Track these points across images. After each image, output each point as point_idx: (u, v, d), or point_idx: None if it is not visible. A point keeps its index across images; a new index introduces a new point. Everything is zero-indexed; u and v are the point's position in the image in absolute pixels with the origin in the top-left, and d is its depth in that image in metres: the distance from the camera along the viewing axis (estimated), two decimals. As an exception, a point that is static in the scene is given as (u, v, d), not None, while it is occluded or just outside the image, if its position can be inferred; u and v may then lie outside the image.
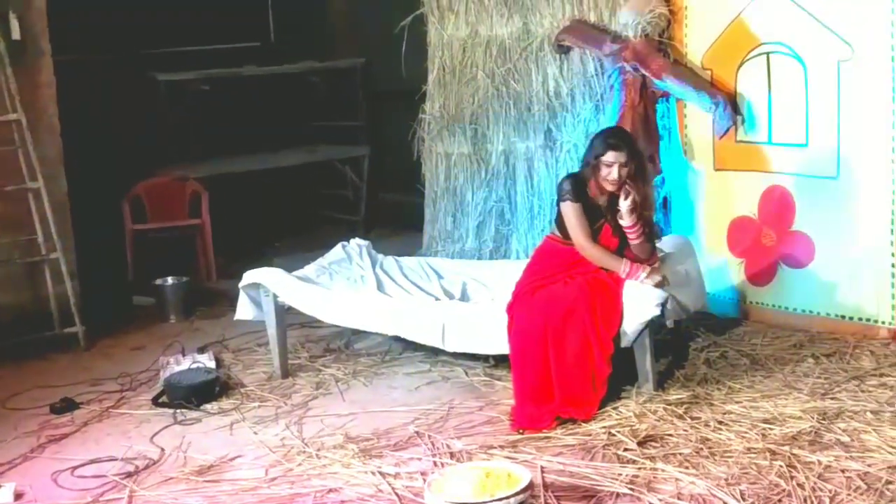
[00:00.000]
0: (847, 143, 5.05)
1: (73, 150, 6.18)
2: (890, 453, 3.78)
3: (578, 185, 4.46)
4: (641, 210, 4.41)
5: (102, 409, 4.82)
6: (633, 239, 4.44)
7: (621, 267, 4.43)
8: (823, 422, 4.09)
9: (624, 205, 4.38)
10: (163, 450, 4.29)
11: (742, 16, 5.34)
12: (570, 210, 4.46)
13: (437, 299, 5.13)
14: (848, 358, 4.83)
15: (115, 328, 6.09)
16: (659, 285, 4.41)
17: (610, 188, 4.39)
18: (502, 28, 6.22)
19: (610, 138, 4.44)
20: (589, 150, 4.50)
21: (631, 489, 3.65)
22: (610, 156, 4.35)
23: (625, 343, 4.43)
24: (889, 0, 4.78)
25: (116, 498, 3.88)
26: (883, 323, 5.05)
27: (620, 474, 3.76)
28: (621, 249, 4.50)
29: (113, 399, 4.94)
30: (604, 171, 4.37)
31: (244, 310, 5.25)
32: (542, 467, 3.85)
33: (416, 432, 4.30)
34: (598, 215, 4.47)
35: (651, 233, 4.53)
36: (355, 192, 8.67)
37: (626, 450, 3.97)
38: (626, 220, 4.40)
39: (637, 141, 4.59)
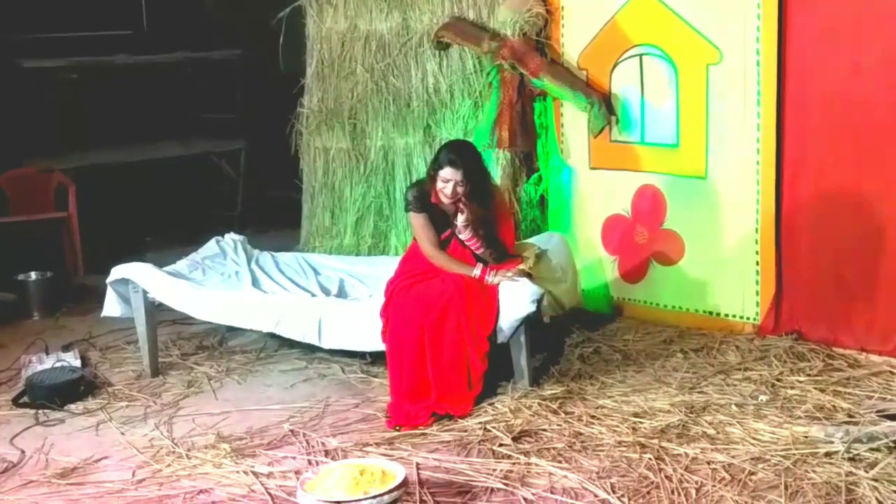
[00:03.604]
0: (715, 144, 5.21)
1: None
2: (753, 445, 3.92)
3: (423, 194, 4.47)
4: (477, 229, 4.43)
5: (-42, 410, 4.61)
6: (476, 250, 4.50)
7: (472, 271, 4.45)
8: (691, 415, 4.21)
9: (459, 219, 4.43)
10: (23, 452, 4.13)
11: (616, 18, 5.45)
12: (414, 221, 4.50)
13: (313, 295, 5.07)
14: (715, 353, 4.97)
15: (-28, 325, 5.83)
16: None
17: (445, 201, 4.42)
18: (382, 23, 6.19)
19: (451, 153, 4.39)
20: (434, 158, 4.50)
21: (505, 484, 3.68)
22: (446, 171, 4.35)
23: (501, 339, 4.47)
24: (756, 7, 4.95)
25: (-28, 503, 3.71)
26: (748, 319, 5.23)
27: (495, 469, 3.79)
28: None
29: (-30, 400, 4.73)
30: (440, 183, 4.39)
31: (112, 306, 5.09)
32: (417, 464, 3.85)
33: (291, 430, 4.25)
34: (447, 224, 4.50)
35: (496, 247, 4.51)
36: (232, 187, 8.50)
37: (501, 445, 4.00)
38: (462, 234, 4.46)
39: (481, 159, 4.54)
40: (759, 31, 4.95)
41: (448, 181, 4.35)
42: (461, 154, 4.42)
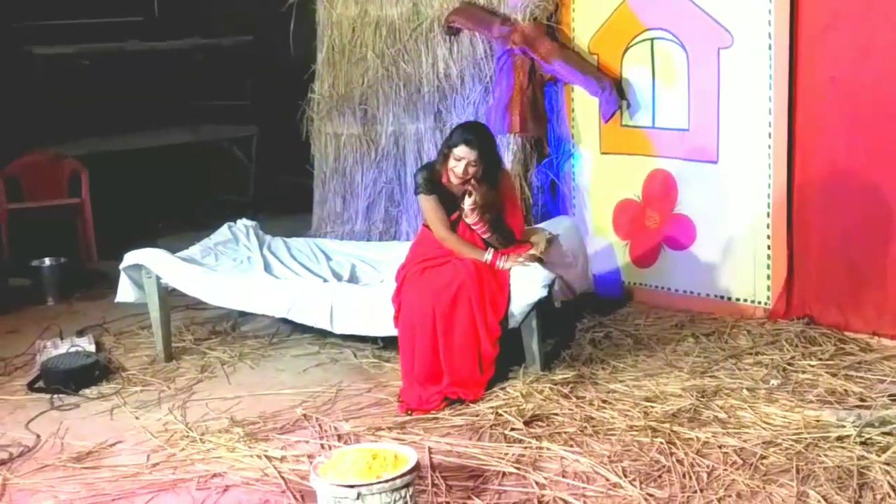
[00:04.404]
0: (727, 128, 5.20)
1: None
2: (764, 429, 3.92)
3: (433, 176, 4.46)
4: (483, 213, 4.42)
5: (-26, 395, 4.64)
6: (482, 234, 4.49)
7: (483, 255, 4.46)
8: (702, 399, 4.21)
9: (466, 202, 4.41)
10: (39, 436, 4.16)
11: (627, 2, 5.43)
12: (424, 203, 4.49)
13: (325, 281, 5.09)
14: (726, 337, 4.97)
15: (-12, 311, 5.87)
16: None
17: (454, 181, 4.41)
18: (392, 8, 6.18)
19: (467, 133, 4.39)
20: (448, 137, 4.49)
21: (517, 468, 3.69)
22: (461, 150, 4.33)
23: (512, 324, 4.47)
24: (767, -10, 4.94)
25: (-11, 487, 3.74)
26: (759, 303, 5.23)
27: (507, 454, 3.81)
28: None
29: (-14, 384, 4.76)
30: (452, 162, 4.37)
31: (125, 292, 5.11)
32: (429, 448, 3.86)
33: (304, 415, 4.27)
34: (455, 206, 4.49)
35: (503, 233, 4.51)
36: (243, 173, 8.52)
37: (512, 429, 4.02)
38: (469, 218, 4.44)
39: (494, 142, 4.54)
40: (770, 15, 4.93)
41: (461, 160, 4.34)
42: (477, 134, 4.42)
